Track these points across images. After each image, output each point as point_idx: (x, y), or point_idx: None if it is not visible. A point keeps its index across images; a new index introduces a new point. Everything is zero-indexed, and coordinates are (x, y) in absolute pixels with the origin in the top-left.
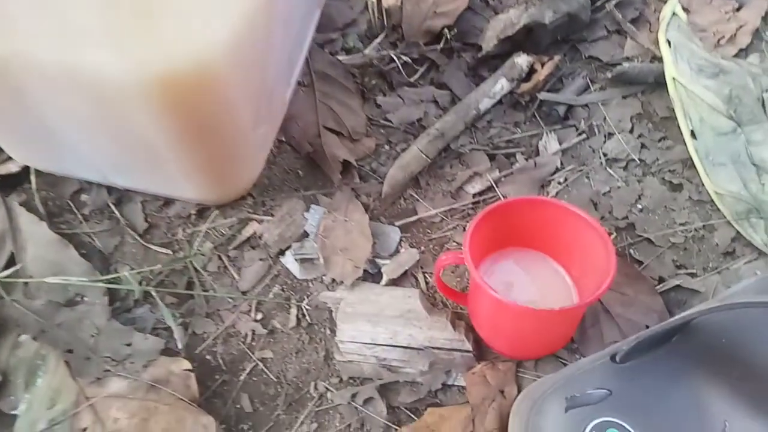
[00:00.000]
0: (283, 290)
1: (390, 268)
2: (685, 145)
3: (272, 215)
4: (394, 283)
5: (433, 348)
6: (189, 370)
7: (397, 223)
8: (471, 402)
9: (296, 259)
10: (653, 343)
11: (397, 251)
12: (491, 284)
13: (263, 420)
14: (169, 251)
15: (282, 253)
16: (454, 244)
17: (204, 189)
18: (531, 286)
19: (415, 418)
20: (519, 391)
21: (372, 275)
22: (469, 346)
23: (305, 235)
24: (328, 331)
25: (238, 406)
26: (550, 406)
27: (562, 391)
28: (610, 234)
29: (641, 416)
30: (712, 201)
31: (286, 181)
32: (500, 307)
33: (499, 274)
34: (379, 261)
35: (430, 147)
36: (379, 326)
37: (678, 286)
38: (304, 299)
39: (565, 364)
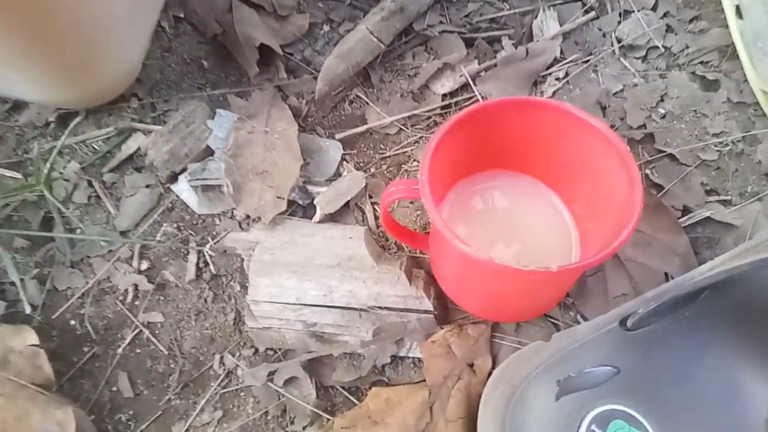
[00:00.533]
0: (178, 230)
1: (326, 199)
2: (726, 26)
3: (164, 123)
4: (331, 219)
5: (380, 308)
6: (36, 345)
7: (338, 136)
8: (429, 381)
9: (194, 187)
10: (674, 305)
11: (337, 175)
12: (461, 222)
13: (149, 407)
14: (18, 174)
15: (175, 177)
16: (415, 164)
17: (62, 85)
18: (516, 226)
19: (356, 402)
20: (494, 365)
21: (302, 208)
22: (429, 304)
23: (208, 152)
24: (238, 287)
25: (114, 389)
26: (536, 392)
27: (553, 371)
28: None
29: (657, 403)
30: (758, 103)
31: (185, 76)
32: (471, 263)
33: (472, 209)
34: (313, 189)
35: (384, 28)
36: (307, 280)
37: (708, 218)
38: (206, 242)
39: (557, 327)
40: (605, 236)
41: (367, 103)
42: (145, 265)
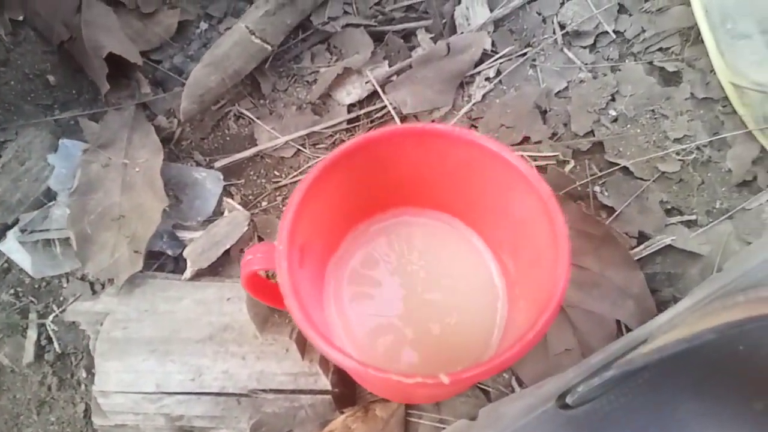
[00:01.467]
0: (16, 297)
1: (197, 249)
2: (689, 4)
3: None
4: (210, 272)
5: (264, 391)
6: None
7: (219, 164)
8: None
9: (29, 242)
10: (622, 377)
11: (218, 214)
12: (361, 275)
13: None
14: None
15: (3, 233)
16: None
17: None
18: (431, 272)
19: None
20: None
21: (173, 260)
22: (326, 382)
23: (49, 196)
24: (84, 372)
25: None
26: None
27: None
28: (560, 198)
29: None
30: (726, 98)
31: (27, 95)
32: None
33: (374, 255)
34: (185, 235)
35: (269, 25)
36: (170, 361)
37: (669, 246)
38: (51, 312)
39: (487, 395)
40: (533, 301)
41: (256, 120)
42: None
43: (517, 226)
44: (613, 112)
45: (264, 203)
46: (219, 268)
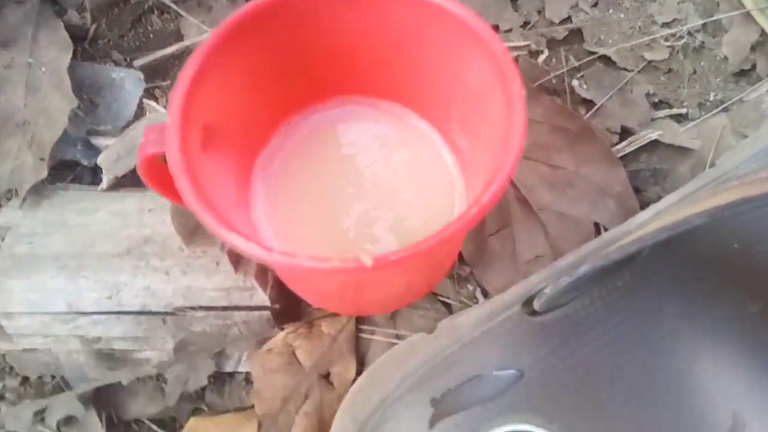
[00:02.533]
0: None
1: (111, 155)
2: None
3: None
4: (132, 183)
5: (192, 309)
6: None
7: (138, 62)
8: (260, 409)
9: None
10: (600, 274)
11: (139, 116)
12: (296, 177)
13: None
14: None
15: None
16: None
17: None
18: (373, 171)
19: None
20: (362, 369)
21: (90, 172)
22: (263, 297)
23: None
24: None
25: None
26: (400, 420)
27: (424, 388)
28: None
29: (578, 416)
30: None
31: None
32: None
33: (309, 155)
34: (99, 141)
35: None
36: (83, 277)
37: (655, 142)
38: None
39: (448, 308)
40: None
41: (182, 13)
42: None
43: (470, 100)
44: None
45: None
46: (139, 179)
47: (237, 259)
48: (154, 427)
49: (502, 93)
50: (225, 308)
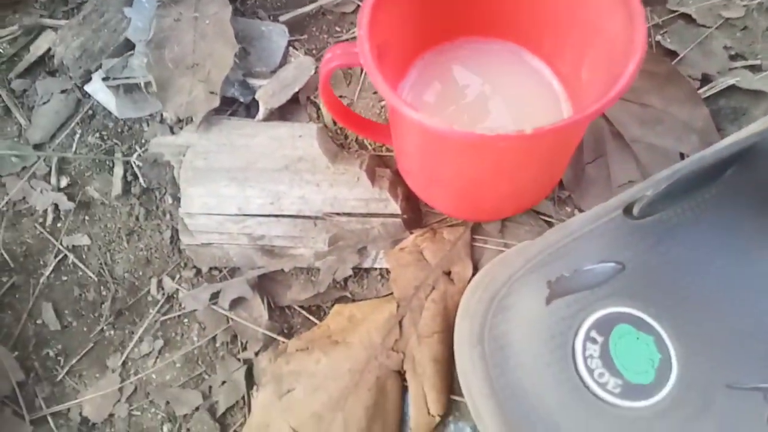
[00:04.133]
0: (101, 139)
1: (268, 92)
2: None
3: (74, 15)
4: (280, 117)
5: (338, 215)
6: None
7: (283, 18)
8: (397, 294)
9: (112, 87)
10: (694, 183)
11: (284, 63)
12: (426, 104)
13: (79, 340)
14: None
15: (88, 77)
16: None
17: None
18: (494, 102)
19: (317, 323)
20: (476, 272)
21: (245, 107)
22: (395, 207)
23: (128, 46)
24: (171, 200)
25: (39, 322)
26: (521, 296)
27: (542, 272)
28: None
29: (670, 303)
30: None
31: None
32: (430, 140)
33: (438, 87)
34: (255, 82)
35: None
36: (250, 186)
37: (732, 87)
38: (134, 152)
39: (550, 226)
40: (600, 93)
41: None
42: (65, 182)
43: (586, 28)
44: None
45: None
46: (288, 115)
47: (373, 176)
48: (304, 312)
49: (623, 12)
50: (364, 215)
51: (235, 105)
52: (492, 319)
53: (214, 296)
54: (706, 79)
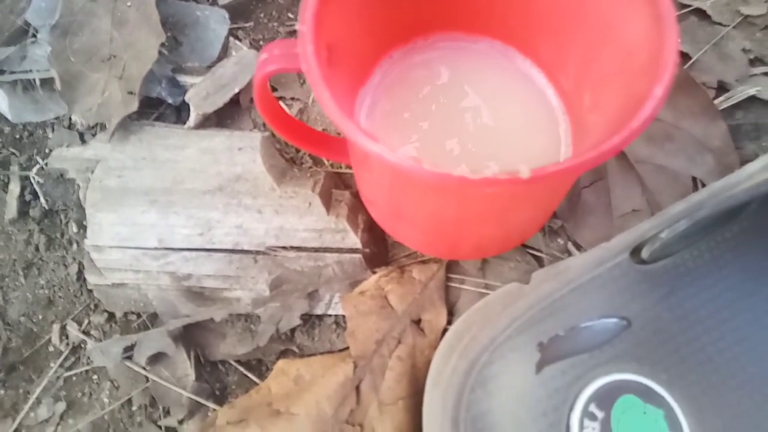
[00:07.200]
0: None
1: (201, 92)
2: None
3: None
4: (217, 123)
5: (284, 248)
6: None
7: (223, 1)
8: (354, 350)
9: (5, 83)
10: (713, 222)
11: (222, 57)
12: (393, 115)
13: None
14: None
15: None
16: None
17: None
18: (478, 115)
19: (257, 382)
20: (451, 319)
21: (174, 110)
22: (355, 240)
23: (27, 31)
24: (75, 227)
25: None
26: (506, 363)
27: (532, 331)
28: None
29: (684, 368)
30: None
31: None
32: (395, 176)
33: (409, 93)
34: (186, 79)
35: None
36: (174, 213)
37: (753, 98)
38: (35, 164)
39: (539, 262)
40: (611, 118)
41: None
42: None
43: (596, 31)
44: None
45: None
46: (227, 120)
47: (329, 202)
48: (241, 368)
49: (647, 13)
50: (317, 249)
51: (162, 107)
52: (470, 395)
53: (129, 349)
54: (722, 88)
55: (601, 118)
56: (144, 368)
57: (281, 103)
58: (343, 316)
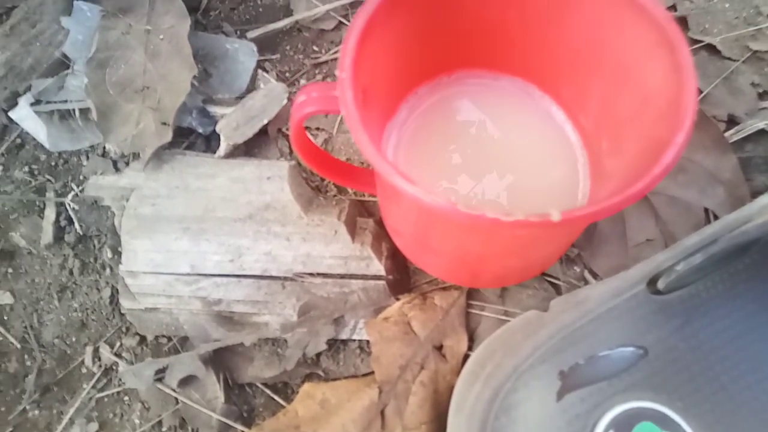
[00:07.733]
0: (31, 175)
1: (231, 123)
2: None
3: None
4: (245, 152)
5: (311, 275)
6: None
7: (251, 34)
8: (379, 375)
9: (43, 113)
10: (726, 256)
11: (251, 89)
12: (419, 149)
13: None
14: None
15: (14, 100)
16: None
17: None
18: (500, 152)
19: (283, 404)
20: (472, 345)
21: (204, 139)
22: (379, 267)
23: (64, 64)
24: (109, 253)
25: None
26: (529, 391)
27: (553, 360)
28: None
29: (701, 396)
30: None
31: None
32: (426, 213)
33: (434, 129)
34: (216, 110)
35: None
36: (206, 240)
37: (762, 131)
38: (70, 191)
39: (556, 289)
40: (630, 160)
41: None
42: None
43: (614, 74)
44: None
45: (302, 81)
46: (255, 149)
47: (354, 230)
48: (268, 391)
49: (667, 61)
50: (342, 276)
51: (192, 136)
52: (494, 422)
53: (161, 371)
54: (732, 121)
55: (620, 159)
56: (174, 390)
57: (307, 133)
58: (367, 341)
